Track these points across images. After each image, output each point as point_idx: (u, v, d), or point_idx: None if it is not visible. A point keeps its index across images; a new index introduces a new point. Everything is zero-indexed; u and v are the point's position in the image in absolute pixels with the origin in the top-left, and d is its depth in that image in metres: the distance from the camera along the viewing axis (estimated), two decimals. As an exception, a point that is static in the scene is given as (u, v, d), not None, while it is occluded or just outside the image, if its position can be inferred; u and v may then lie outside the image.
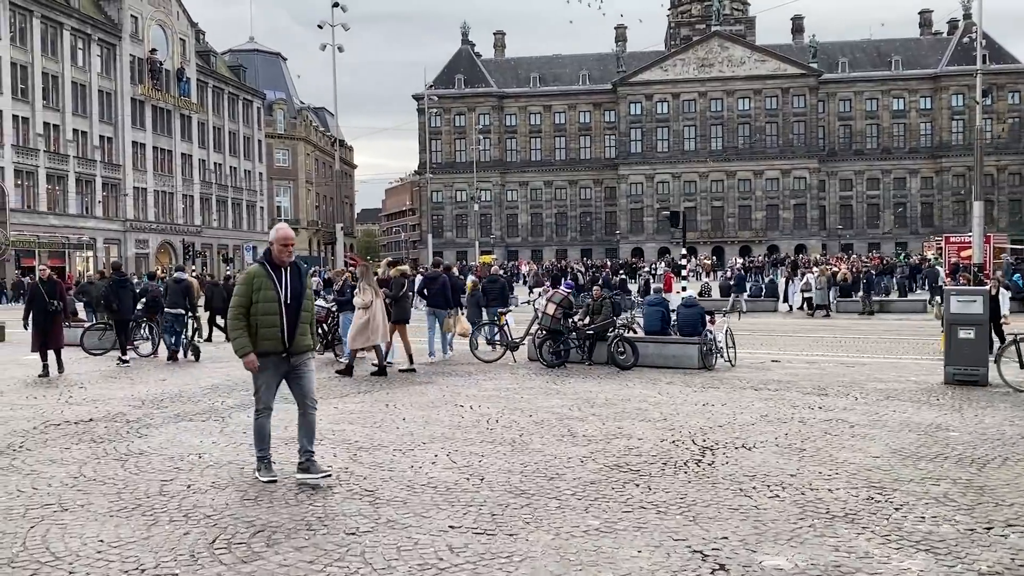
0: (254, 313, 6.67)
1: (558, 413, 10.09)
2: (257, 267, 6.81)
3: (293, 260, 6.88)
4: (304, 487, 6.69)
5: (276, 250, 6.79)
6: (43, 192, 57.85)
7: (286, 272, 6.78)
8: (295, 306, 6.76)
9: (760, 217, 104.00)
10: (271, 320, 6.67)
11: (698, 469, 7.26)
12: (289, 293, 6.73)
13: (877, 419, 9.68)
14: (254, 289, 6.70)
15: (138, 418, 9.98)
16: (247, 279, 6.80)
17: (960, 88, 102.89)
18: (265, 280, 6.71)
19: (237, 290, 6.81)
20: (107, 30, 64.18)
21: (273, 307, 6.67)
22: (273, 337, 6.68)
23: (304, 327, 6.84)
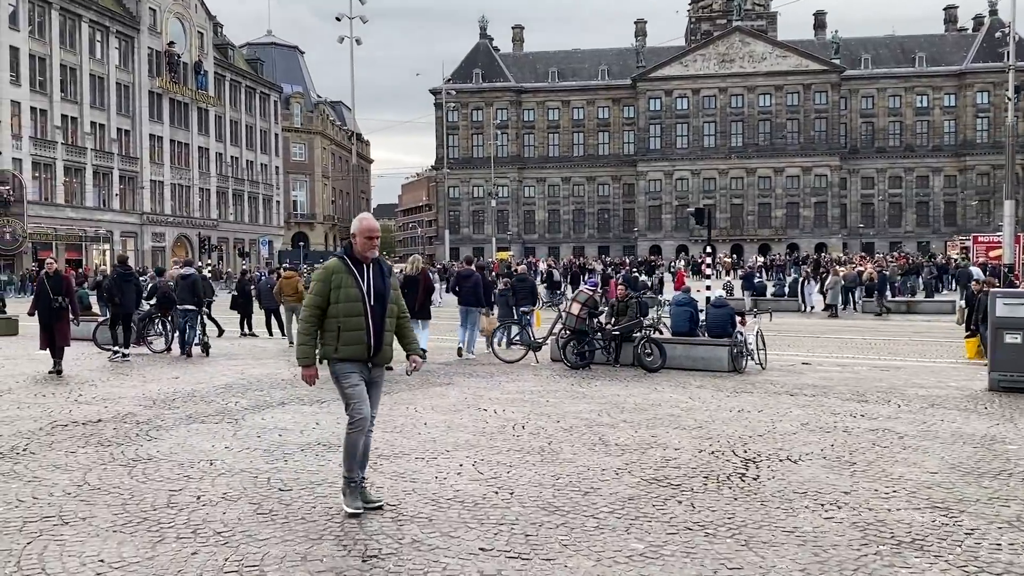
0: (333, 315, 5.73)
1: (587, 419, 9.60)
2: (336, 261, 5.87)
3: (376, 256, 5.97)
4: (320, 497, 6.24)
5: (359, 243, 5.85)
6: (60, 184, 57.87)
7: (369, 269, 5.86)
8: (380, 309, 5.82)
9: (780, 215, 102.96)
10: (354, 322, 5.73)
11: (743, 484, 6.76)
12: (373, 293, 5.81)
13: (926, 429, 9.13)
14: (332, 287, 5.74)
15: (148, 419, 9.58)
16: (324, 275, 5.82)
17: (985, 85, 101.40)
18: (345, 276, 5.77)
19: (313, 288, 5.84)
20: (125, 22, 64.12)
21: (356, 307, 5.74)
22: (357, 342, 5.74)
23: (389, 335, 5.92)
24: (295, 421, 9.42)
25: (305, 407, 10.38)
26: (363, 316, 5.73)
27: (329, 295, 5.76)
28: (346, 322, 5.72)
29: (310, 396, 11.20)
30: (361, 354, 5.78)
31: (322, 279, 5.82)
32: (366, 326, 5.74)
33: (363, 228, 5.88)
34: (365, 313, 5.75)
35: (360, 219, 5.95)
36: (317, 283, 5.81)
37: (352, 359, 5.77)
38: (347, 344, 5.73)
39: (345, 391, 5.87)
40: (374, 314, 5.79)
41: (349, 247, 5.94)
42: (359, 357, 5.78)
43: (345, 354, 5.75)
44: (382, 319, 5.84)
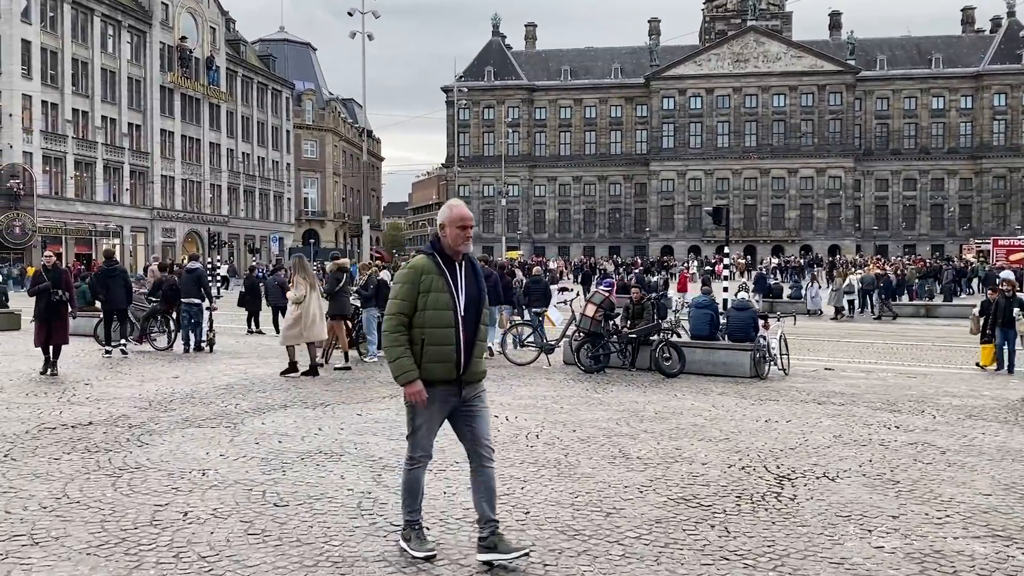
0: (418, 324, 4.73)
1: (604, 428, 9.05)
2: (424, 260, 4.84)
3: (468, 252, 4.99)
4: (318, 514, 5.71)
5: (450, 235, 4.80)
6: (70, 179, 57.61)
7: (461, 269, 4.86)
8: (472, 318, 4.83)
9: (794, 216, 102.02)
10: (443, 335, 4.72)
11: (779, 505, 6.20)
12: (466, 299, 4.80)
13: (968, 444, 8.54)
14: (421, 290, 4.74)
15: (142, 422, 9.07)
16: (411, 275, 4.80)
17: (1003, 87, 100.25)
18: (436, 279, 4.75)
19: (396, 291, 4.82)
20: (138, 17, 63.86)
21: (446, 317, 4.72)
22: (444, 359, 4.74)
23: (482, 347, 4.93)
24: (296, 426, 8.91)
25: (308, 411, 9.87)
26: (453, 327, 4.73)
27: (416, 300, 4.75)
28: (432, 334, 4.72)
29: (313, 399, 10.70)
30: (448, 373, 4.76)
31: (409, 280, 4.79)
32: (456, 339, 4.74)
33: (454, 216, 4.81)
34: (456, 324, 4.74)
35: (450, 206, 4.89)
36: (403, 286, 4.79)
37: (437, 380, 4.76)
38: (433, 361, 4.73)
39: (415, 422, 4.91)
40: (466, 325, 4.78)
41: (436, 241, 4.87)
42: (446, 377, 4.77)
43: (430, 374, 4.75)
44: (474, 330, 4.85)
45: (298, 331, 12.77)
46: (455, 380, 4.80)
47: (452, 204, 4.91)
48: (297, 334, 12.79)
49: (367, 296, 15.16)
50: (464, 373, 4.82)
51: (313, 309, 12.89)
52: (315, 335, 12.95)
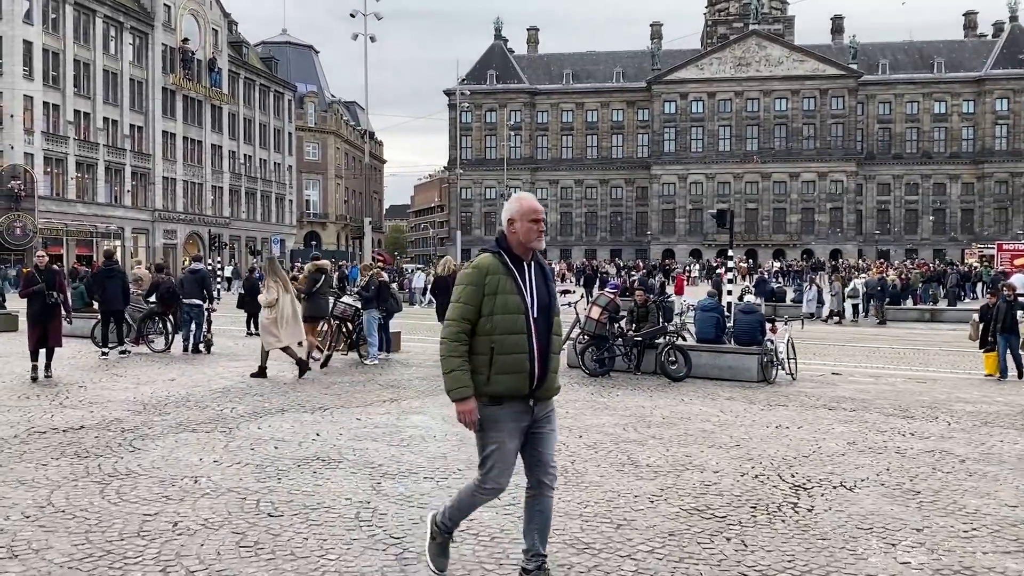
0: (486, 331, 4.18)
1: (611, 434, 8.78)
2: (489, 259, 4.29)
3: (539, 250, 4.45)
4: (314, 525, 5.45)
5: (521, 231, 4.27)
6: (72, 180, 57.41)
7: (530, 269, 4.33)
8: (545, 324, 4.29)
9: (795, 220, 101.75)
10: (515, 343, 4.17)
11: (796, 516, 5.93)
12: (537, 302, 4.27)
13: (987, 452, 8.27)
14: (487, 292, 4.20)
15: (135, 426, 8.81)
16: (475, 276, 4.25)
17: (1005, 92, 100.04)
18: (504, 279, 4.22)
19: (458, 293, 4.27)
20: (140, 18, 63.70)
21: (517, 322, 4.19)
22: (517, 369, 4.18)
23: (556, 360, 4.37)
24: (293, 431, 8.64)
25: (306, 415, 9.60)
26: (525, 334, 4.19)
27: (482, 304, 4.20)
28: (502, 342, 4.16)
29: (311, 403, 10.43)
30: (521, 387, 4.20)
31: (474, 282, 4.22)
32: (529, 348, 4.19)
33: (524, 209, 4.29)
34: (528, 330, 4.20)
35: (518, 198, 4.35)
36: (467, 288, 4.23)
37: (509, 395, 4.20)
38: (503, 372, 4.16)
39: (487, 449, 4.31)
40: (538, 331, 4.24)
41: (502, 238, 4.34)
42: (518, 391, 4.21)
43: (500, 387, 4.17)
44: (548, 337, 4.30)
45: (275, 336, 12.54)
46: (527, 395, 4.24)
47: (520, 196, 4.37)
48: (276, 339, 12.56)
49: (368, 298, 14.93)
50: (538, 388, 4.26)
51: (288, 311, 12.66)
52: (293, 337, 12.73)
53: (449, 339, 4.22)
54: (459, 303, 4.24)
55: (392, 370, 14.06)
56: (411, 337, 19.76)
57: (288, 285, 12.90)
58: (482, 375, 4.18)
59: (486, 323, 4.19)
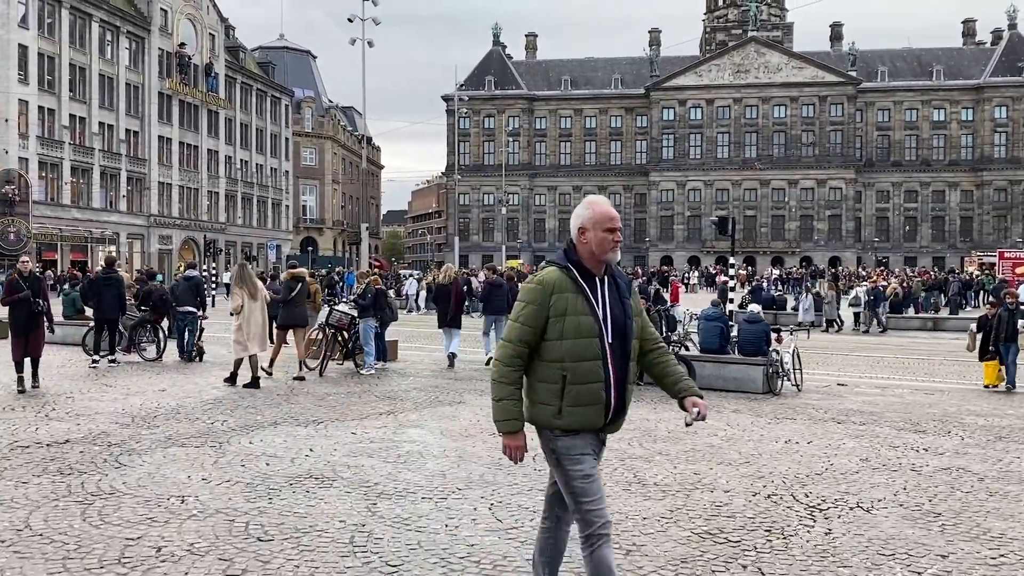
0: (555, 357, 3.66)
1: (616, 449, 8.48)
2: (556, 274, 3.75)
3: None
4: (305, 551, 5.15)
5: (596, 241, 3.75)
6: (67, 185, 57.06)
7: (603, 285, 3.79)
8: (622, 349, 3.75)
9: (794, 228, 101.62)
10: (588, 371, 3.66)
11: (814, 541, 5.63)
12: (611, 324, 3.73)
13: (1005, 470, 7.98)
14: (553, 314, 3.68)
15: (122, 440, 8.50)
16: (538, 294, 3.72)
17: (1004, 100, 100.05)
18: (573, 299, 3.69)
19: (518, 312, 3.75)
20: (136, 23, 63.43)
21: (591, 347, 3.66)
22: (592, 401, 3.67)
23: (631, 391, 3.85)
24: (286, 446, 8.33)
25: (299, 428, 9.30)
26: (600, 360, 3.67)
27: (546, 325, 3.68)
28: (576, 370, 3.64)
29: (305, 415, 10.12)
30: (596, 420, 3.70)
31: (536, 300, 3.70)
32: (605, 376, 3.67)
33: (598, 216, 3.76)
34: (603, 355, 3.67)
35: (591, 204, 3.82)
36: (528, 307, 3.71)
37: (583, 428, 3.70)
38: (577, 404, 3.65)
39: (573, 483, 3.70)
40: (614, 357, 3.71)
41: (571, 249, 3.82)
42: (592, 425, 3.71)
43: (574, 420, 3.66)
44: (625, 365, 3.76)
45: (242, 344, 12.50)
46: (601, 427, 3.76)
47: (593, 202, 3.83)
48: (243, 346, 12.51)
49: (364, 306, 14.64)
50: (612, 423, 3.78)
51: (255, 320, 12.58)
52: (257, 347, 12.59)
53: (502, 362, 3.73)
54: (518, 323, 3.72)
55: (389, 380, 13.76)
56: (408, 345, 19.46)
57: (257, 292, 12.75)
58: (552, 406, 3.68)
59: (555, 348, 3.66)
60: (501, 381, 3.74)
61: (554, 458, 3.74)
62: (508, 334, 3.79)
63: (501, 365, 3.74)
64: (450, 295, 15.97)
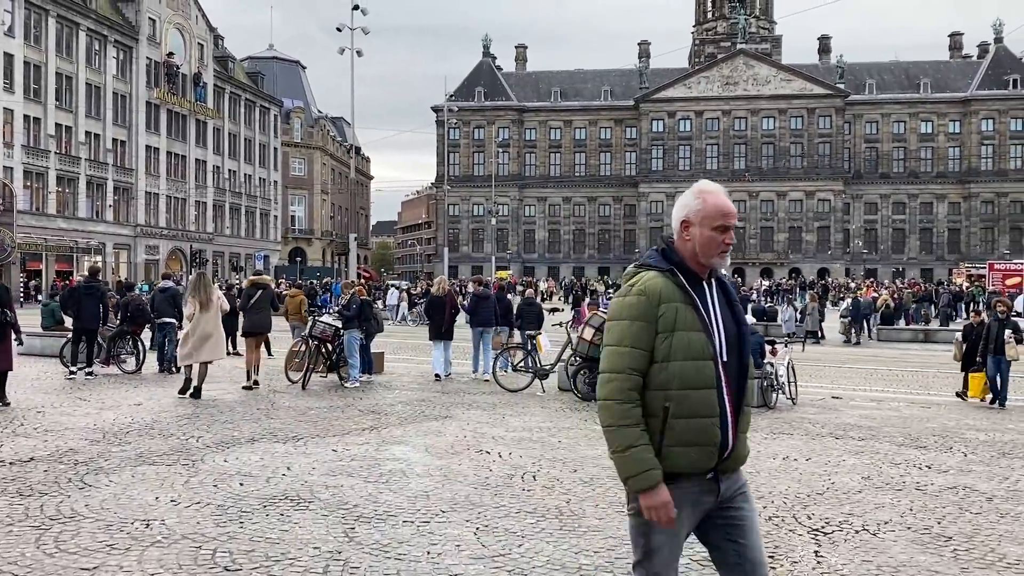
0: (659, 384, 2.98)
1: (608, 467, 8.10)
2: (659, 280, 3.05)
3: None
4: None
5: (700, 241, 3.09)
6: (52, 194, 56.47)
7: (712, 293, 3.11)
8: (738, 367, 3.08)
9: (782, 239, 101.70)
10: (700, 401, 2.98)
11: (821, 568, 5.29)
12: (726, 339, 3.06)
13: (1014, 489, 7.67)
14: (661, 329, 3.00)
15: (90, 458, 8.09)
16: (644, 307, 3.01)
17: (991, 113, 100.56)
18: (683, 310, 3.01)
19: (619, 331, 3.03)
20: (124, 32, 63.00)
21: (704, 372, 2.98)
22: (702, 439, 2.99)
23: (748, 418, 3.17)
24: (262, 464, 7.94)
25: (277, 445, 8.90)
26: (715, 388, 2.98)
27: (653, 340, 3.00)
28: (682, 400, 2.96)
29: (285, 431, 9.73)
30: (707, 461, 3.00)
31: (643, 315, 3.00)
32: (720, 407, 3.00)
33: (710, 209, 3.09)
34: (718, 381, 3.00)
35: (702, 192, 3.14)
36: (633, 324, 3.00)
37: (688, 472, 2.99)
38: (683, 443, 2.97)
39: (651, 540, 3.04)
40: (729, 381, 3.04)
41: (670, 249, 3.14)
42: (702, 467, 3.00)
43: (677, 463, 2.97)
44: (742, 388, 3.10)
45: (188, 350, 12.47)
46: (714, 468, 3.03)
47: (705, 190, 3.14)
48: (187, 354, 12.49)
49: (349, 317, 14.27)
50: (727, 458, 3.05)
51: (204, 328, 12.43)
52: (204, 356, 12.47)
53: (616, 400, 2.96)
54: (623, 347, 2.98)
55: (373, 394, 13.37)
56: (395, 357, 19.08)
57: (210, 303, 12.63)
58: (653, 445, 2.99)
59: (659, 373, 2.97)
60: (622, 424, 2.95)
61: (636, 506, 3.01)
62: (613, 363, 3.00)
63: (614, 404, 2.96)
64: (444, 307, 15.74)
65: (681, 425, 2.95)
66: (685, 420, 2.95)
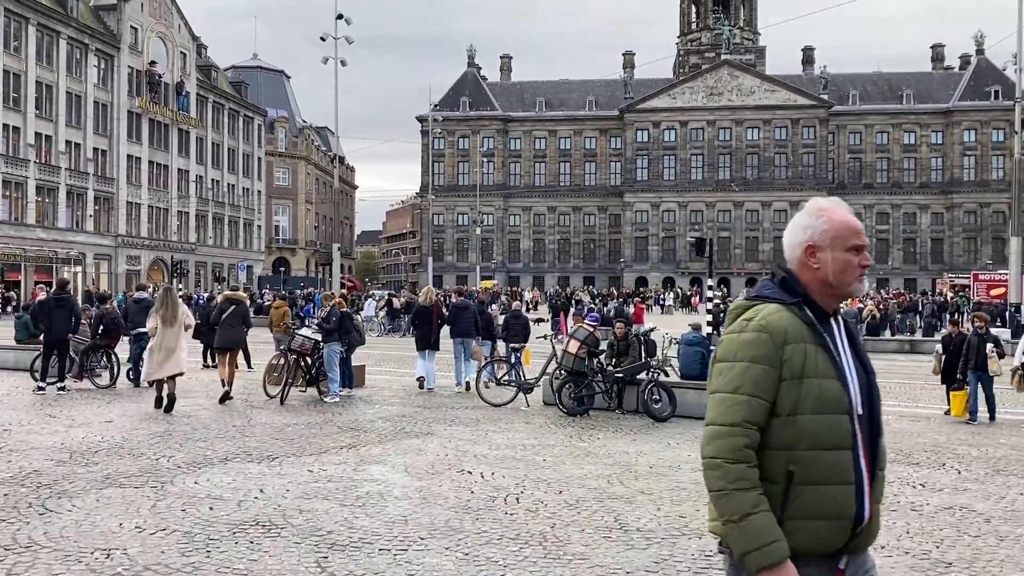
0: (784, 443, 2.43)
1: (595, 488, 7.85)
2: (783, 315, 2.52)
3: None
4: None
5: (833, 267, 2.57)
6: (32, 204, 55.78)
7: (840, 331, 2.60)
8: (871, 420, 2.55)
9: (767, 249, 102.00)
10: (832, 465, 2.44)
11: (817, 599, 5.03)
12: (857, 385, 2.52)
13: (1011, 509, 7.46)
14: (788, 376, 2.45)
15: (55, 480, 7.75)
16: (765, 346, 2.46)
17: (972, 124, 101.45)
18: (813, 352, 2.48)
19: (737, 376, 2.45)
20: (106, 41, 62.47)
21: (839, 428, 2.45)
22: (834, 512, 2.43)
23: (883, 479, 2.59)
24: (234, 486, 7.62)
25: (251, 465, 8.58)
26: (850, 449, 2.46)
27: (776, 394, 2.45)
28: (812, 463, 2.43)
29: (260, 450, 9.41)
30: (838, 538, 2.45)
31: (765, 358, 2.45)
32: (855, 472, 2.46)
33: (838, 227, 2.59)
34: (852, 439, 2.46)
35: (822, 211, 2.63)
36: (754, 367, 2.45)
37: (813, 552, 2.44)
38: (808, 516, 2.42)
39: None
40: (864, 439, 2.50)
41: (791, 278, 2.61)
42: (827, 545, 2.45)
43: (801, 541, 2.41)
44: (875, 448, 2.54)
45: (153, 367, 12.50)
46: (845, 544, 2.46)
47: (825, 208, 2.63)
48: (151, 370, 12.55)
49: (329, 329, 13.95)
50: (860, 534, 2.48)
51: (167, 344, 12.42)
52: (166, 371, 12.44)
53: (728, 459, 2.40)
54: (740, 395, 2.43)
55: (353, 409, 13.05)
56: (377, 370, 18.77)
57: (173, 318, 12.64)
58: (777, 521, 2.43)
59: (782, 430, 2.43)
60: (737, 488, 2.38)
61: None
62: (725, 413, 2.44)
63: (726, 464, 2.40)
64: (431, 317, 15.54)
65: (809, 494, 2.40)
66: (813, 488, 2.40)
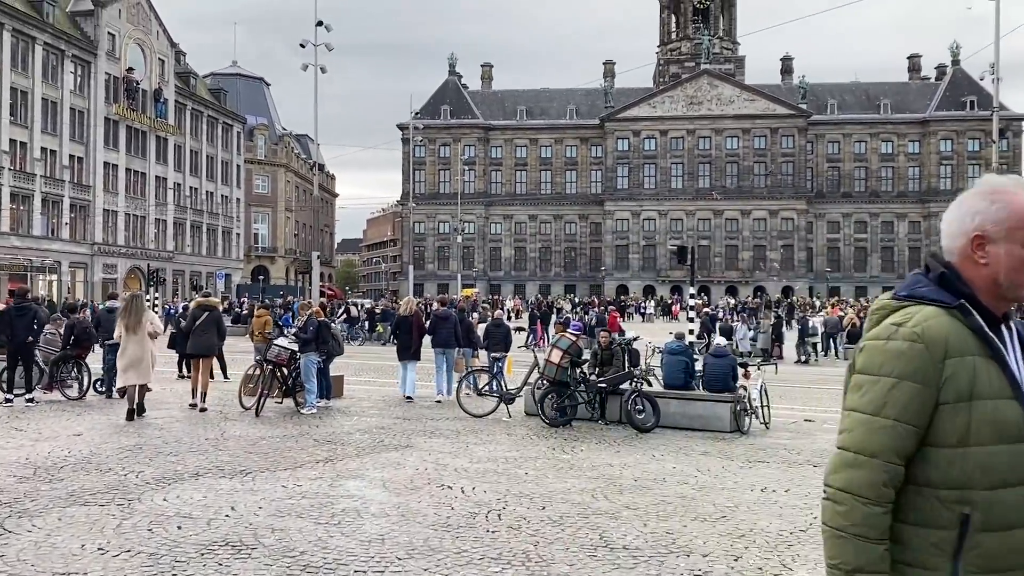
0: (955, 480, 1.93)
1: (579, 503, 7.62)
2: (943, 320, 1.98)
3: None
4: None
5: (1008, 262, 1.99)
6: (6, 211, 54.94)
7: (1011, 337, 2.04)
8: None
9: (747, 257, 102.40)
10: (1017, 506, 1.92)
11: (812, 621, 4.84)
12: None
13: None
14: (950, 397, 1.94)
15: (16, 498, 7.42)
16: (920, 356, 1.94)
17: (949, 133, 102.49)
18: (982, 365, 1.96)
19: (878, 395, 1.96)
20: (82, 47, 61.77)
21: (1019, 455, 1.93)
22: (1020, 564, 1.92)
23: None
24: (204, 503, 7.33)
25: (223, 480, 8.28)
26: None
27: (932, 416, 1.95)
28: (993, 503, 1.92)
29: (233, 464, 9.11)
30: None
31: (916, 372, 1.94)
32: None
33: (1018, 213, 2.01)
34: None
35: (998, 192, 2.06)
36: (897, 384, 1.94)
37: None
38: (999, 569, 1.92)
39: None
40: None
41: (953, 273, 2.06)
42: None
43: None
44: None
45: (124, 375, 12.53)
46: None
47: (999, 188, 2.06)
48: (118, 376, 12.65)
49: (306, 339, 13.65)
50: None
51: (132, 352, 12.41)
52: (131, 379, 12.46)
53: (861, 497, 1.93)
54: (884, 419, 1.95)
55: (331, 420, 12.75)
56: (357, 379, 18.46)
57: (138, 326, 12.61)
58: (938, 571, 1.93)
59: (951, 464, 1.95)
60: (860, 536, 1.93)
61: None
62: (860, 439, 1.97)
63: (856, 500, 1.94)
64: (411, 327, 15.33)
65: (990, 543, 1.90)
66: (999, 535, 1.90)
